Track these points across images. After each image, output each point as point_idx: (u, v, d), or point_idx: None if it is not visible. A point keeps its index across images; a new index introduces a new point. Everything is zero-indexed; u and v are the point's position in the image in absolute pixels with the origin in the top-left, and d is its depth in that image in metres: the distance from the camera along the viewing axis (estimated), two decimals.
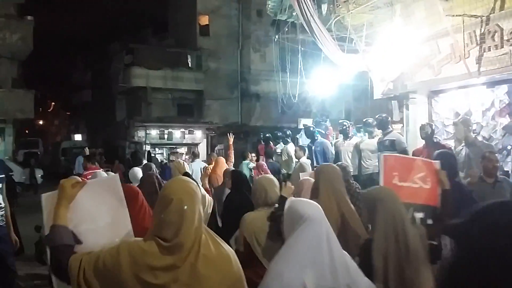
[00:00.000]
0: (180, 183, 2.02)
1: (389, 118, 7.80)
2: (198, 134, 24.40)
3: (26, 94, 19.05)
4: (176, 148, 23.45)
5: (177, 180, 2.08)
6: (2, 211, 4.57)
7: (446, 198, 3.22)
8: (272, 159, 10.02)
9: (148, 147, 22.06)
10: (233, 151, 9.16)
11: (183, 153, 20.44)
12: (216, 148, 23.93)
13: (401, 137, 7.59)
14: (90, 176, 4.35)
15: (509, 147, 7.20)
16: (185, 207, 1.91)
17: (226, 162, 8.18)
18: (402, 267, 2.41)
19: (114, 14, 25.69)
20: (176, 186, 1.99)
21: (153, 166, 6.71)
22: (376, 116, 7.71)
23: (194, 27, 25.13)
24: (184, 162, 6.65)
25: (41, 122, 44.35)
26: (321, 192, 3.30)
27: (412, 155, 6.94)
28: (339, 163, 6.52)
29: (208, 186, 6.09)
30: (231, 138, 9.54)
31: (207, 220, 4.13)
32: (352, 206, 3.34)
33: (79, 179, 2.28)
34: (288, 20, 12.44)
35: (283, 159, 10.34)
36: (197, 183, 2.69)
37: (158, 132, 23.47)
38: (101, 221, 2.12)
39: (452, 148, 6.66)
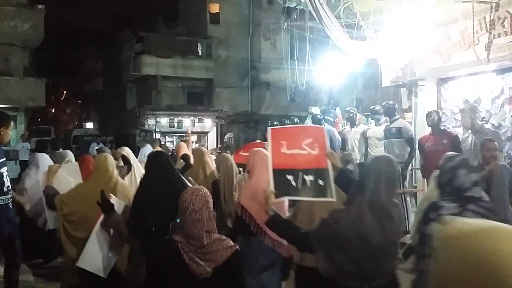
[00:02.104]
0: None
1: (396, 106, 7.74)
2: (208, 123, 24.46)
3: (38, 82, 19.17)
4: (186, 136, 23.51)
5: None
6: (9, 194, 4.64)
7: None
8: None
9: (158, 135, 22.17)
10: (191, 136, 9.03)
11: (193, 141, 20.50)
12: (226, 136, 24.02)
13: (408, 125, 7.54)
14: None
15: None
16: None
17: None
18: None
19: (125, 2, 25.67)
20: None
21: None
22: (383, 104, 7.66)
23: (205, 15, 25.07)
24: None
25: (53, 110, 44.76)
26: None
27: (419, 143, 6.92)
28: (346, 152, 6.53)
29: None
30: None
31: None
32: None
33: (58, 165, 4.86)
34: (297, 7, 12.36)
35: None
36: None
37: (168, 120, 23.59)
38: (67, 183, 4.37)
39: (460, 135, 6.62)
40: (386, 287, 2.30)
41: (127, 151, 5.67)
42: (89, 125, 34.22)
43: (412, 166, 7.66)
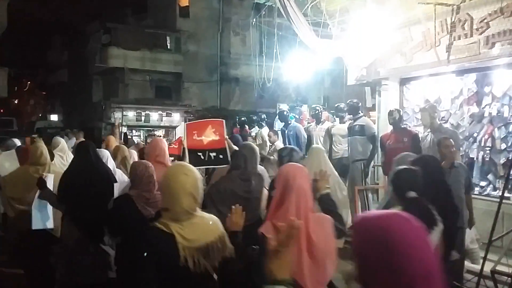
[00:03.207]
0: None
1: (360, 104, 7.89)
2: (176, 117, 24.21)
3: None
4: (153, 130, 23.26)
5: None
6: None
7: None
8: None
9: (125, 129, 21.82)
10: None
11: (160, 136, 20.29)
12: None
13: (370, 123, 7.71)
14: None
15: (475, 135, 7.39)
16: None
17: None
18: None
19: None
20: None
21: None
22: (347, 102, 7.80)
23: (174, 9, 24.72)
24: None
25: (16, 102, 43.43)
26: None
27: (380, 140, 7.08)
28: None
29: None
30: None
31: None
32: None
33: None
34: (266, 3, 12.39)
35: (257, 142, 10.38)
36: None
37: (135, 114, 23.20)
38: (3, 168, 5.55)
39: (420, 133, 6.80)
40: (254, 225, 2.81)
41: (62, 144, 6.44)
42: (54, 117, 33.37)
43: (374, 163, 7.83)
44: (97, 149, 4.79)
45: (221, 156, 5.11)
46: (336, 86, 19.09)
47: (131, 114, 23.11)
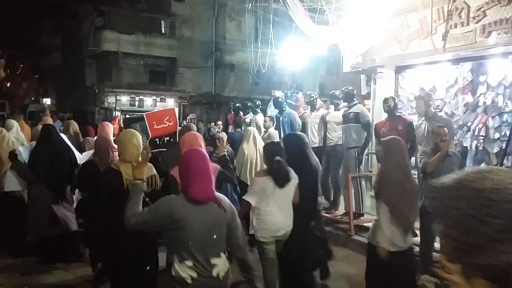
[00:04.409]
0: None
1: (355, 91, 7.86)
2: (170, 103, 24.02)
3: None
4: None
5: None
6: None
7: None
8: (241, 129, 10.02)
9: (118, 113, 21.67)
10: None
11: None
12: (188, 117, 23.76)
13: (365, 110, 7.69)
14: None
15: (469, 124, 7.40)
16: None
17: None
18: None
19: None
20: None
21: None
22: (343, 89, 7.77)
23: None
24: None
25: (8, 84, 43.02)
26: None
27: (375, 128, 7.07)
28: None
29: None
30: None
31: None
32: None
33: None
34: None
35: None
36: None
37: (129, 99, 23.01)
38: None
39: (414, 122, 6.80)
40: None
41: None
42: (46, 101, 33.07)
43: (368, 150, 7.84)
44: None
45: (171, 140, 6.41)
46: (331, 74, 19.05)
47: (124, 99, 22.92)
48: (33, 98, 37.58)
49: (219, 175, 4.08)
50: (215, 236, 2.91)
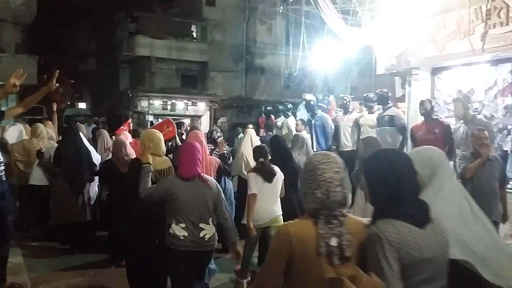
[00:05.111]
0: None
1: (390, 94, 7.73)
2: (202, 106, 24.28)
3: (30, 59, 18.84)
4: (179, 119, 23.34)
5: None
6: (2, 165, 4.57)
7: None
8: (272, 132, 9.99)
9: (151, 118, 22.01)
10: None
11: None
12: (219, 121, 23.90)
13: (400, 113, 7.54)
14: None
15: (509, 127, 7.14)
16: None
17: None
18: None
19: None
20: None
21: None
22: (377, 91, 7.64)
23: None
24: None
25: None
26: None
27: (411, 131, 6.92)
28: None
29: None
30: None
31: None
32: None
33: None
34: None
35: (283, 132, 10.32)
36: None
37: (161, 103, 23.35)
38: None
39: (452, 125, 6.62)
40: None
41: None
42: (82, 105, 33.88)
43: None
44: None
45: (173, 144, 7.51)
46: (364, 76, 18.81)
47: (157, 103, 23.27)
48: (68, 103, 38.56)
49: (219, 168, 5.84)
50: (202, 206, 3.86)
